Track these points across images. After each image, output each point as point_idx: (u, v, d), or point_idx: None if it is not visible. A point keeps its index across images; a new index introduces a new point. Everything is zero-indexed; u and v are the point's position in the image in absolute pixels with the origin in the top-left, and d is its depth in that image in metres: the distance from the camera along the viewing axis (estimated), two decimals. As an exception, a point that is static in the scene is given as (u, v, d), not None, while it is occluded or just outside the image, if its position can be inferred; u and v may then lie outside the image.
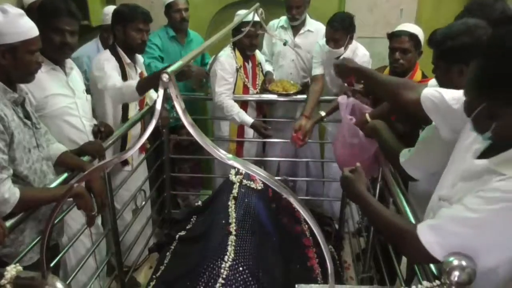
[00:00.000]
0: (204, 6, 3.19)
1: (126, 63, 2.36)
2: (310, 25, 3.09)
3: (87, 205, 1.60)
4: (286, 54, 3.10)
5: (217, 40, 1.32)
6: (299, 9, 2.94)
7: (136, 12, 2.29)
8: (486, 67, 0.95)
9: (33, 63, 1.53)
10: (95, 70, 2.28)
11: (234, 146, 3.07)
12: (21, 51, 1.48)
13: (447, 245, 1.00)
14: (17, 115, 1.52)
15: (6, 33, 1.44)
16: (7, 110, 1.46)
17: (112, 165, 2.05)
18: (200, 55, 1.72)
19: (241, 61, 2.88)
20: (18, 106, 1.56)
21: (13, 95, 1.52)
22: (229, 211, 2.14)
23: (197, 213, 2.58)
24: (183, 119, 0.70)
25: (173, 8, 2.95)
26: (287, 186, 0.74)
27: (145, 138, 0.75)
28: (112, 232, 2.14)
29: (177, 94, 0.69)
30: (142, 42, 2.34)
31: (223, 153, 0.72)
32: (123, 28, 2.30)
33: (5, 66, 1.47)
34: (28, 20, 1.51)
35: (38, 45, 1.54)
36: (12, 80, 1.53)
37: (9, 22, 1.44)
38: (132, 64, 2.40)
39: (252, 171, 0.72)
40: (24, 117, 1.57)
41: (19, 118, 1.53)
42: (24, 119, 1.56)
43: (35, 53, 1.53)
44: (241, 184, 2.38)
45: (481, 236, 0.97)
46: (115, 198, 2.38)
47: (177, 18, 2.96)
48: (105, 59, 2.27)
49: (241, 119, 2.78)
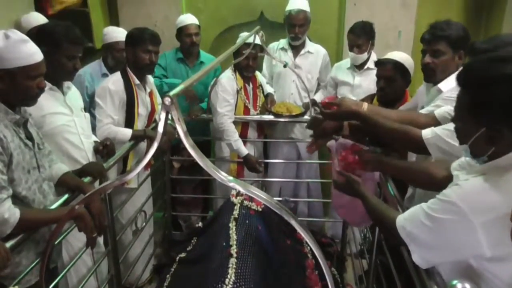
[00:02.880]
0: (206, 28, 3.25)
1: (135, 83, 2.43)
2: (310, 46, 3.15)
3: (87, 227, 1.59)
4: (286, 75, 3.14)
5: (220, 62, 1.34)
6: (302, 28, 3.00)
7: (145, 34, 2.38)
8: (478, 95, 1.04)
9: (33, 88, 1.52)
10: (97, 96, 2.37)
11: (235, 167, 3.07)
12: (20, 76, 1.48)
13: (413, 238, 1.17)
14: (17, 136, 1.53)
15: (5, 58, 1.44)
16: (7, 131, 1.47)
17: (112, 188, 2.05)
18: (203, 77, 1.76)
19: (242, 82, 2.91)
20: (20, 127, 1.57)
21: (14, 116, 1.53)
22: (230, 233, 2.13)
23: (197, 235, 2.56)
24: (185, 142, 0.71)
25: (184, 32, 2.99)
26: (287, 208, 0.74)
27: (147, 161, 0.75)
28: (112, 252, 2.12)
29: (179, 117, 0.71)
30: (150, 63, 2.41)
31: (224, 175, 0.72)
32: (133, 49, 2.39)
33: (3, 90, 1.47)
34: (32, 46, 1.51)
35: (41, 70, 1.54)
36: (12, 104, 1.53)
37: (10, 47, 1.45)
38: (141, 85, 2.47)
39: (253, 193, 0.72)
40: (26, 138, 1.58)
41: (19, 139, 1.53)
42: (25, 140, 1.56)
43: (37, 78, 1.53)
44: (242, 206, 2.37)
45: (431, 236, 1.12)
46: (120, 214, 2.38)
47: (188, 42, 3.00)
48: (109, 89, 2.34)
49: (237, 147, 2.82)
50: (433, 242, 1.12)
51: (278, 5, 3.37)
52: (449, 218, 1.06)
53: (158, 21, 3.46)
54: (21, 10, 2.72)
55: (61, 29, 1.86)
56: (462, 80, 1.09)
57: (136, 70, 2.43)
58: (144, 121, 2.54)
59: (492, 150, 1.05)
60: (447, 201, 1.08)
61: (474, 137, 1.06)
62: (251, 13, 3.52)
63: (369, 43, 2.83)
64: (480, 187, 1.05)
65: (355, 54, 2.84)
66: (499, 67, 1.01)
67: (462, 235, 1.06)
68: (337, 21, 3.53)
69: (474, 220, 1.02)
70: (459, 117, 1.13)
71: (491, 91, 1.01)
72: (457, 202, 1.04)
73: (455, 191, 1.08)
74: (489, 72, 1.03)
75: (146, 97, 2.52)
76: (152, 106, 2.57)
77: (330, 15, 3.50)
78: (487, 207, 1.02)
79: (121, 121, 2.42)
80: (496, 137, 1.03)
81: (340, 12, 3.48)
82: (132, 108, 2.42)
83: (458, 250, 1.10)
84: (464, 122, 1.11)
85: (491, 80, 1.01)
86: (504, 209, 0.99)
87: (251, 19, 3.51)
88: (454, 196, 1.06)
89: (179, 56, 3.09)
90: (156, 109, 2.62)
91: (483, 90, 1.03)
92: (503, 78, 1.00)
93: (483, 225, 1.01)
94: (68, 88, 2.05)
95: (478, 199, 1.04)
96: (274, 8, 3.46)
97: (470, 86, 1.07)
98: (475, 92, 1.05)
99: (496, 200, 1.02)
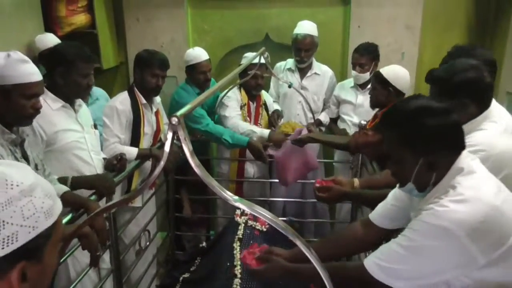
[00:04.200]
0: (212, 49, 3.29)
1: (141, 103, 2.46)
2: (317, 68, 3.19)
3: (91, 245, 1.58)
4: (293, 96, 3.17)
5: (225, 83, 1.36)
6: (308, 52, 3.04)
7: (154, 58, 2.42)
8: (409, 129, 1.15)
9: (27, 107, 1.53)
10: (105, 115, 2.41)
11: (233, 186, 3.08)
12: (15, 94, 1.49)
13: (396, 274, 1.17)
14: (13, 155, 1.53)
15: (3, 75, 1.47)
16: (3, 150, 1.48)
17: (117, 207, 2.05)
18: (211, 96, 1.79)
19: (246, 99, 2.96)
20: (16, 146, 1.57)
21: (10, 136, 1.54)
22: (234, 253, 2.11)
23: (201, 254, 2.54)
24: (191, 161, 0.72)
25: (198, 69, 2.88)
26: (293, 228, 0.74)
27: (152, 181, 0.76)
28: (115, 272, 2.11)
29: (186, 136, 0.72)
30: (156, 86, 2.45)
31: (229, 194, 0.73)
32: (141, 71, 2.43)
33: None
34: (31, 66, 1.53)
35: (37, 90, 1.55)
36: (7, 123, 1.55)
37: (8, 65, 1.47)
38: (147, 104, 2.50)
39: (258, 213, 0.72)
40: (22, 157, 1.58)
41: (15, 159, 1.53)
42: (20, 159, 1.57)
43: (32, 99, 1.54)
44: (247, 225, 2.35)
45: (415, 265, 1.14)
46: (124, 233, 2.36)
47: (201, 79, 2.90)
48: (117, 108, 2.37)
49: (258, 131, 2.82)
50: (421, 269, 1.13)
51: (283, 27, 3.43)
52: (434, 243, 1.09)
53: (165, 42, 3.52)
54: (31, 32, 2.79)
55: (74, 49, 1.92)
56: (391, 121, 1.21)
57: (142, 91, 2.47)
58: (150, 140, 2.56)
59: (434, 175, 1.15)
60: (427, 228, 1.11)
61: (416, 169, 1.15)
62: (257, 34, 3.57)
63: (372, 63, 2.87)
64: (448, 206, 1.10)
65: (357, 72, 2.88)
66: (419, 102, 1.17)
67: (454, 255, 1.08)
68: (341, 43, 3.57)
69: (461, 236, 1.05)
70: (394, 159, 1.22)
71: (419, 122, 1.13)
72: (441, 224, 1.08)
73: (431, 218, 1.11)
74: (413, 107, 1.16)
75: (152, 116, 2.55)
76: (158, 125, 2.60)
77: (335, 37, 3.54)
78: (465, 220, 1.06)
79: (127, 140, 2.44)
80: (435, 161, 1.14)
81: (344, 34, 3.53)
82: (138, 127, 2.45)
83: (450, 269, 1.10)
84: (401, 161, 1.20)
85: (417, 113, 1.14)
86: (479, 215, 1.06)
87: (256, 40, 3.56)
88: (434, 221, 1.09)
89: (197, 91, 2.97)
90: (162, 128, 2.64)
91: (412, 123, 1.14)
92: (426, 109, 1.14)
93: (469, 237, 1.05)
94: (80, 105, 2.09)
95: (456, 217, 1.07)
96: (279, 30, 3.51)
97: (399, 124, 1.18)
98: (405, 128, 1.16)
99: (467, 210, 1.07)
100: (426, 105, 1.16)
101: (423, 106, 1.16)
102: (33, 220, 0.65)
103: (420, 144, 1.14)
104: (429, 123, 1.12)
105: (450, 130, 1.15)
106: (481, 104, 1.48)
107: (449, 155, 1.16)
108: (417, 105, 1.16)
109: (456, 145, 1.17)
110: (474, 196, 1.09)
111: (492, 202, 1.09)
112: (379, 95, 2.39)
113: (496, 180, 1.19)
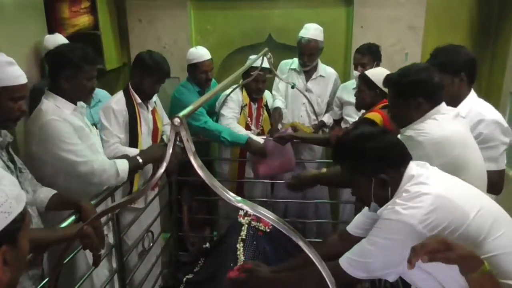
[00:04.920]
0: (214, 50, 3.29)
1: (137, 102, 2.46)
2: (322, 70, 3.18)
3: (93, 245, 1.57)
4: (297, 97, 3.16)
5: (228, 84, 1.36)
6: (311, 57, 3.04)
7: (158, 69, 2.40)
8: (355, 156, 1.34)
9: (15, 110, 1.51)
10: (102, 116, 2.40)
11: (234, 186, 3.08)
12: (3, 97, 1.47)
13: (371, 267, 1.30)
14: (0, 159, 1.52)
15: None
16: None
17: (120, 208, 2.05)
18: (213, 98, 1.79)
19: (247, 100, 2.96)
20: (3, 149, 1.56)
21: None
22: (238, 254, 2.11)
23: (204, 255, 2.53)
24: (193, 162, 0.72)
25: (200, 69, 2.91)
26: (295, 229, 0.74)
27: (155, 182, 0.76)
28: (119, 273, 2.11)
29: (188, 137, 0.71)
30: (152, 92, 2.48)
31: (232, 195, 0.72)
32: (141, 76, 2.42)
33: None
34: (17, 69, 1.51)
35: (23, 93, 1.54)
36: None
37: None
38: (143, 103, 2.49)
39: (261, 213, 0.72)
40: (8, 160, 1.57)
41: (2, 162, 1.52)
42: (7, 163, 1.55)
43: (19, 101, 1.52)
44: (250, 226, 2.35)
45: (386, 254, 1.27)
46: (126, 234, 2.36)
47: (203, 78, 2.93)
48: (113, 109, 2.37)
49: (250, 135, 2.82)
50: (387, 261, 1.26)
51: (286, 27, 3.43)
52: (395, 236, 1.22)
53: (168, 43, 3.52)
54: (35, 33, 2.79)
55: (79, 52, 1.88)
56: (339, 155, 1.42)
57: (138, 92, 2.46)
58: (147, 139, 2.54)
59: (390, 190, 1.31)
60: (388, 223, 1.25)
61: (372, 189, 1.32)
62: (259, 35, 3.57)
63: (373, 64, 2.86)
64: (404, 204, 1.23)
65: (359, 73, 2.86)
66: (358, 131, 1.39)
67: (413, 243, 1.13)
68: (344, 44, 3.57)
69: (415, 224, 1.19)
70: (354, 185, 1.42)
71: (360, 148, 1.32)
72: (399, 218, 1.21)
73: (390, 215, 1.24)
74: (353, 137, 1.38)
75: (148, 115, 2.53)
76: (155, 124, 2.58)
77: (338, 37, 3.53)
78: (418, 211, 1.20)
79: (125, 140, 2.43)
80: (385, 179, 1.30)
81: (347, 34, 3.52)
82: (134, 127, 2.43)
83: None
84: (358, 186, 1.38)
85: (357, 142, 1.35)
86: (428, 204, 1.20)
87: (259, 41, 3.56)
88: (392, 216, 1.23)
89: (197, 90, 3.02)
90: (159, 127, 2.63)
91: (355, 152, 1.34)
92: (364, 136, 1.34)
93: (422, 224, 1.18)
94: (82, 107, 2.08)
95: (410, 210, 1.21)
96: (282, 31, 3.52)
97: (346, 155, 1.38)
98: (351, 158, 1.36)
99: (418, 204, 1.21)
100: (364, 132, 1.36)
101: (361, 134, 1.37)
102: (7, 205, 0.72)
103: (368, 167, 1.32)
104: (369, 147, 1.31)
105: (390, 149, 1.33)
106: (433, 101, 1.62)
107: (396, 169, 1.31)
108: (356, 134, 1.38)
109: (400, 160, 1.33)
110: (423, 191, 1.23)
111: (439, 192, 1.22)
112: (365, 96, 2.40)
113: (445, 174, 1.34)
